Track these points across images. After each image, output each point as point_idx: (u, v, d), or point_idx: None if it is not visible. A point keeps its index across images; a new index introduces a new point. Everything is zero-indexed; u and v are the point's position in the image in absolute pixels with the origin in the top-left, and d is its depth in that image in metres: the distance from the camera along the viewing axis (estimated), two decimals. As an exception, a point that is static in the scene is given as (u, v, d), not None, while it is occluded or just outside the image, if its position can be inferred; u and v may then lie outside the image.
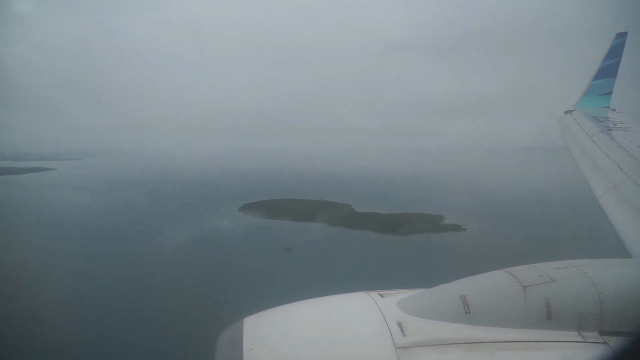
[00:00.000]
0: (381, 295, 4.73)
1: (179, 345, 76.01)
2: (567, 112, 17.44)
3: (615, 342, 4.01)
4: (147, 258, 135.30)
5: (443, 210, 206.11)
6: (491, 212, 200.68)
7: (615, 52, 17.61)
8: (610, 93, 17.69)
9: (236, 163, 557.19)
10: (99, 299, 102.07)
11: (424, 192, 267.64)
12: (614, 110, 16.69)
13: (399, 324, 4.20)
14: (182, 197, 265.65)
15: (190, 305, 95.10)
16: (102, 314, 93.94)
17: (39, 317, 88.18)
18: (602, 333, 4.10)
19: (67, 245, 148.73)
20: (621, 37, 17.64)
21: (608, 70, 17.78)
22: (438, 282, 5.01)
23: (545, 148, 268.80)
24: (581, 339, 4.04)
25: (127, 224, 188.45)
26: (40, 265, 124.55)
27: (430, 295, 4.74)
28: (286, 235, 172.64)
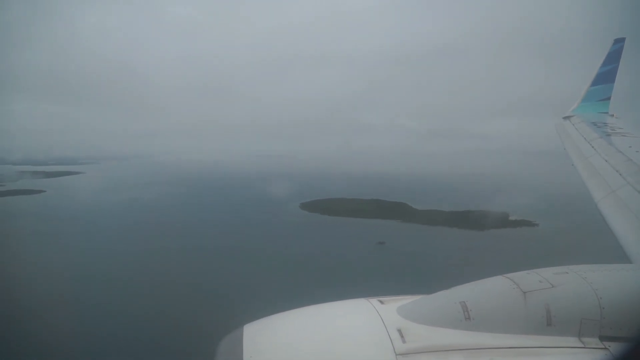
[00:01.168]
0: (381, 302, 4.74)
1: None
2: (565, 117, 17.46)
3: (616, 347, 3.99)
4: (225, 254, 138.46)
5: (502, 208, 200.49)
6: (556, 209, 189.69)
7: (613, 58, 17.52)
8: (608, 99, 17.65)
9: (284, 165, 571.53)
10: (170, 296, 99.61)
11: (475, 192, 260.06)
12: (612, 115, 16.65)
13: (399, 331, 4.21)
14: (242, 197, 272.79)
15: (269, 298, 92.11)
16: (162, 310, 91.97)
17: (89, 310, 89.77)
18: (602, 339, 4.07)
19: (138, 245, 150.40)
20: (619, 42, 17.56)
21: (606, 76, 17.74)
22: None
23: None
24: (581, 345, 4.02)
25: (194, 223, 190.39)
26: (102, 264, 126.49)
27: (430, 302, 4.75)
28: (368, 231, 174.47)
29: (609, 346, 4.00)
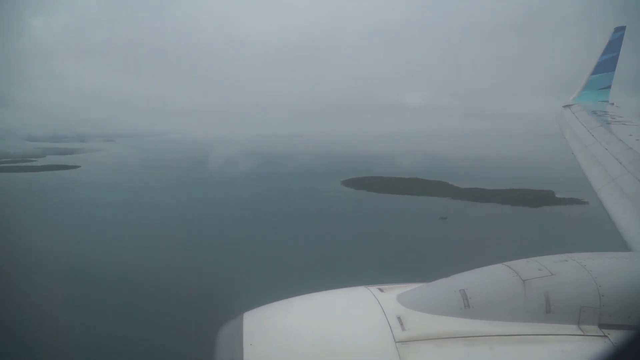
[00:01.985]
0: (381, 290, 4.74)
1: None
2: (565, 106, 17.28)
3: (615, 335, 4.00)
4: (277, 229, 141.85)
5: (545, 186, 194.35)
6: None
7: (613, 46, 17.25)
8: (608, 87, 17.48)
9: (320, 145, 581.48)
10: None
11: (513, 171, 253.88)
12: (612, 104, 16.53)
13: (399, 318, 4.23)
14: (288, 174, 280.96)
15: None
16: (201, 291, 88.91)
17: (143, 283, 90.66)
18: (601, 326, 4.08)
19: (185, 219, 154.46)
20: (619, 31, 17.23)
21: (606, 64, 17.51)
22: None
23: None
24: (581, 333, 4.04)
25: (243, 200, 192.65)
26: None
27: (430, 289, 4.75)
28: (422, 207, 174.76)
29: (608, 334, 4.02)
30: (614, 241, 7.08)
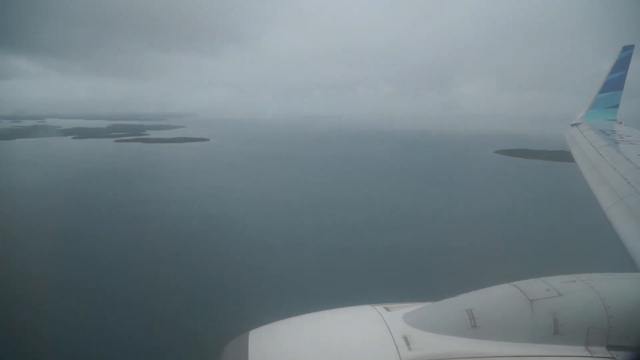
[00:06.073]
0: (387, 309, 4.74)
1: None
2: (573, 124, 17.25)
3: (623, 357, 3.97)
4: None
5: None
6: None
7: (621, 64, 17.17)
8: (616, 106, 17.41)
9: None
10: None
11: None
12: (620, 123, 16.54)
13: (405, 338, 4.20)
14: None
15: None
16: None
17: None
18: (609, 348, 4.04)
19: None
20: (628, 49, 17.15)
21: (614, 83, 17.43)
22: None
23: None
24: (588, 354, 3.98)
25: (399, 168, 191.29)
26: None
27: (436, 309, 4.73)
28: None
29: (617, 356, 3.98)
30: (623, 262, 7.02)
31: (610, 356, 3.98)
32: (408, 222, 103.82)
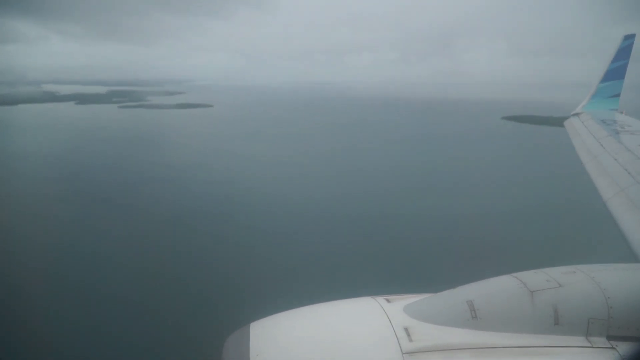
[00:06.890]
0: (387, 300, 4.75)
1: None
2: (574, 114, 17.31)
3: (623, 347, 4.01)
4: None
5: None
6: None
7: (623, 54, 17.10)
8: (618, 95, 17.39)
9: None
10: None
11: None
12: (621, 112, 16.55)
13: (406, 329, 4.23)
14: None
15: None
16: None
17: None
18: (609, 338, 4.09)
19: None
20: (629, 39, 17.09)
21: (615, 72, 17.35)
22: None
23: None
24: (589, 345, 4.04)
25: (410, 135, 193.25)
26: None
27: (437, 300, 4.74)
28: None
29: (617, 346, 4.03)
30: (623, 252, 7.02)
31: (611, 346, 4.03)
32: (412, 196, 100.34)
